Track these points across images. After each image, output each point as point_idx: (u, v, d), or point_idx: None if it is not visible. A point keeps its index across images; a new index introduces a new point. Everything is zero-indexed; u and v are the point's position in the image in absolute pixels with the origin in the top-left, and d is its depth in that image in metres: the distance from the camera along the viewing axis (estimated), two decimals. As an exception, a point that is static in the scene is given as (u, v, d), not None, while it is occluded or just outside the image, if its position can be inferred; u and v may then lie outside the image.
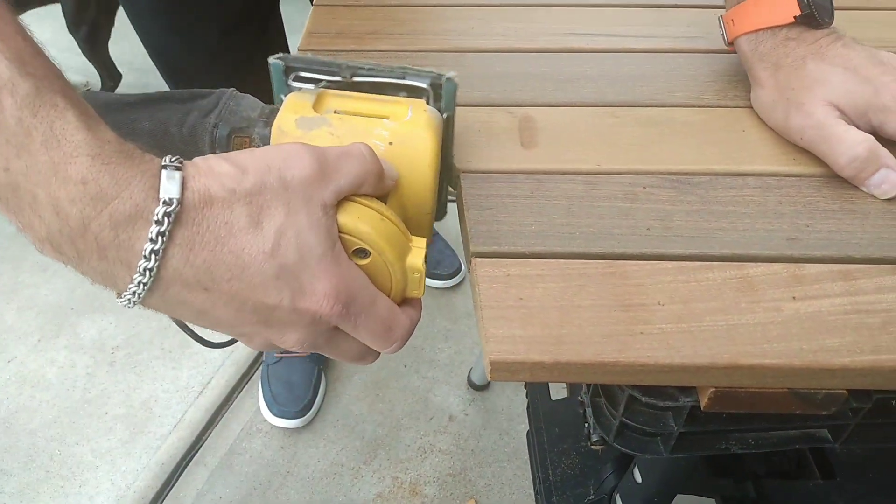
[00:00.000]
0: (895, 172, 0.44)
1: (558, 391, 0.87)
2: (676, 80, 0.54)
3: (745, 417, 0.42)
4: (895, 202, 0.44)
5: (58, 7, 1.80)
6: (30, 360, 1.41)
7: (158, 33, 0.87)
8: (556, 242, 0.41)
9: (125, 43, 2.10)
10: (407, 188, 0.38)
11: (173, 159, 0.29)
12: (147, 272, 0.28)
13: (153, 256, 0.28)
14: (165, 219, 0.28)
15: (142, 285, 0.29)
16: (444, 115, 0.40)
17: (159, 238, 0.28)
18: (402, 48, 0.58)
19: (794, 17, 0.48)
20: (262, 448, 1.28)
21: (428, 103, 0.39)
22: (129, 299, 0.29)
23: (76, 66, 2.05)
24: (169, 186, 0.28)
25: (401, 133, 0.37)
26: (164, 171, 0.28)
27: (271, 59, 0.39)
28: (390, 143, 0.37)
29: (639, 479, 0.62)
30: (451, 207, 0.47)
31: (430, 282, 1.51)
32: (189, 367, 1.40)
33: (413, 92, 0.40)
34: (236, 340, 0.35)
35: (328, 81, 0.39)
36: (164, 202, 0.28)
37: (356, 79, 0.39)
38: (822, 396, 0.37)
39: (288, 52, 0.97)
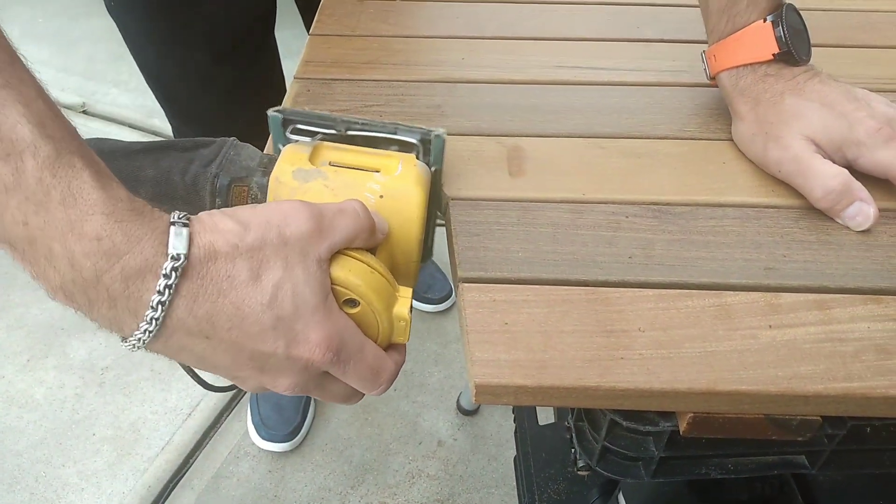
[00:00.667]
0: (868, 205, 0.46)
1: (546, 416, 0.88)
2: (661, 112, 0.56)
3: (725, 443, 0.43)
4: (869, 234, 0.45)
5: (55, 26, 1.82)
6: (18, 380, 1.41)
7: (153, 59, 0.89)
8: (541, 269, 0.42)
9: (122, 63, 2.12)
10: (396, 239, 0.40)
11: (181, 216, 0.31)
12: (153, 321, 0.30)
13: (160, 307, 0.30)
14: (173, 273, 0.30)
15: (147, 332, 0.30)
16: (433, 169, 0.43)
17: (166, 290, 0.30)
18: (395, 78, 0.60)
19: (773, 55, 0.50)
20: (250, 472, 1.27)
21: (418, 157, 0.42)
22: (133, 344, 0.31)
23: (73, 87, 2.07)
24: (177, 242, 0.30)
25: (391, 187, 0.39)
26: (172, 228, 0.30)
27: (270, 112, 0.41)
28: (381, 197, 0.39)
29: (623, 504, 0.62)
30: (441, 233, 0.48)
31: (420, 305, 1.52)
32: (178, 390, 1.40)
33: (404, 146, 0.42)
34: (235, 386, 0.37)
35: (324, 134, 0.41)
36: (173, 257, 0.30)
37: (350, 132, 0.41)
38: (797, 423, 0.38)
39: (282, 77, 0.99)
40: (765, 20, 0.50)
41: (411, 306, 0.38)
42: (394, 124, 0.42)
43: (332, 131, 0.41)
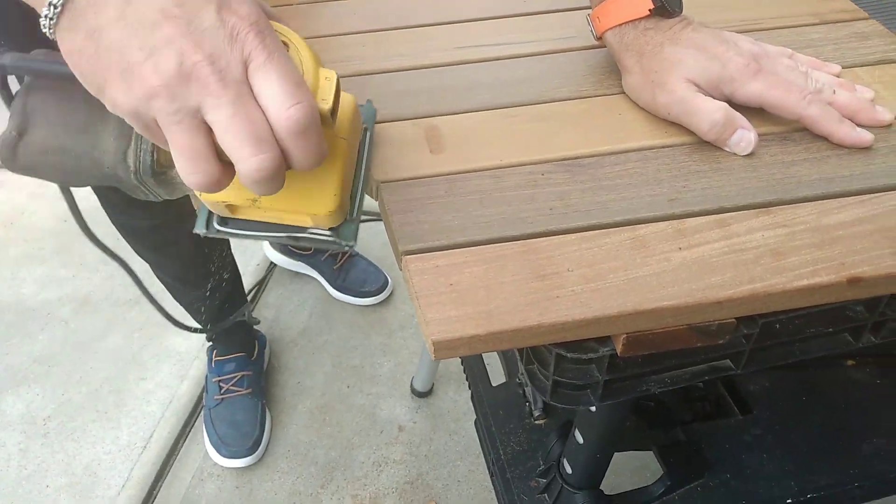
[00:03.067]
0: (749, 131, 0.52)
1: (497, 378, 0.93)
2: (559, 77, 0.60)
3: (659, 359, 0.48)
4: (753, 158, 0.51)
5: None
6: (-45, 446, 1.35)
7: None
8: (474, 232, 0.46)
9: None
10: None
11: None
12: None
13: None
14: None
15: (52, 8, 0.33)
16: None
17: None
18: (306, 78, 0.62)
19: (650, 10, 0.55)
20: (217, 491, 1.27)
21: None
22: (48, 20, 0.33)
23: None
24: None
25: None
26: None
27: None
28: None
29: (580, 439, 0.68)
30: (368, 227, 0.52)
31: (359, 301, 1.54)
32: (128, 425, 1.37)
33: None
34: (204, 330, 0.40)
35: None
36: None
37: None
38: (715, 327, 0.43)
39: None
40: None
41: (337, 79, 0.38)
42: None
43: None
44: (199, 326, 1.26)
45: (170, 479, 1.30)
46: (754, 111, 0.53)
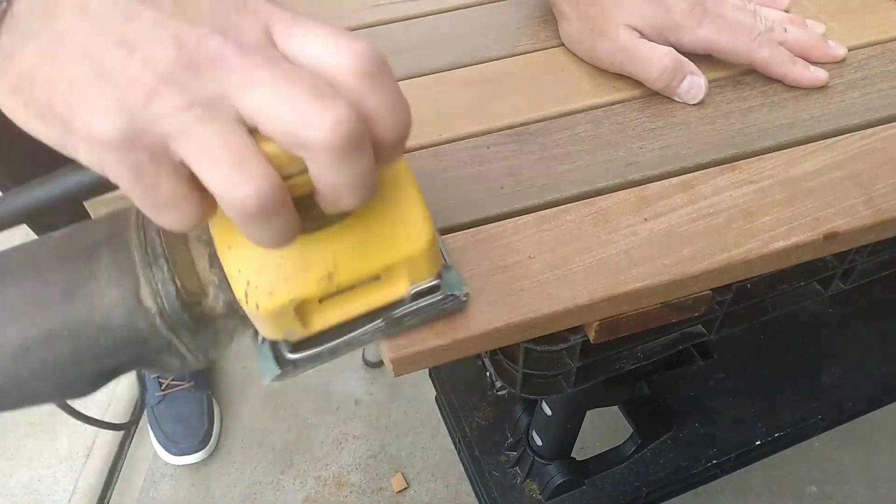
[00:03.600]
0: (699, 77, 0.48)
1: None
2: (490, 33, 0.55)
3: (630, 336, 0.45)
4: (707, 107, 0.48)
5: None
6: None
7: None
8: (420, 223, 0.41)
9: None
10: None
11: None
12: None
13: None
14: None
15: None
16: None
17: None
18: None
19: None
20: (172, 492, 1.22)
21: None
22: None
23: None
24: None
25: None
26: None
27: None
28: None
29: (548, 411, 0.65)
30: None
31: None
32: (66, 434, 1.29)
33: None
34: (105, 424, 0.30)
35: None
36: None
37: None
38: (691, 301, 0.40)
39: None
40: None
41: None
42: None
43: None
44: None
45: (120, 485, 1.24)
46: (700, 58, 0.49)
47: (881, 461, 1.19)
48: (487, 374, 0.80)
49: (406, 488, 1.19)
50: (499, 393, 0.76)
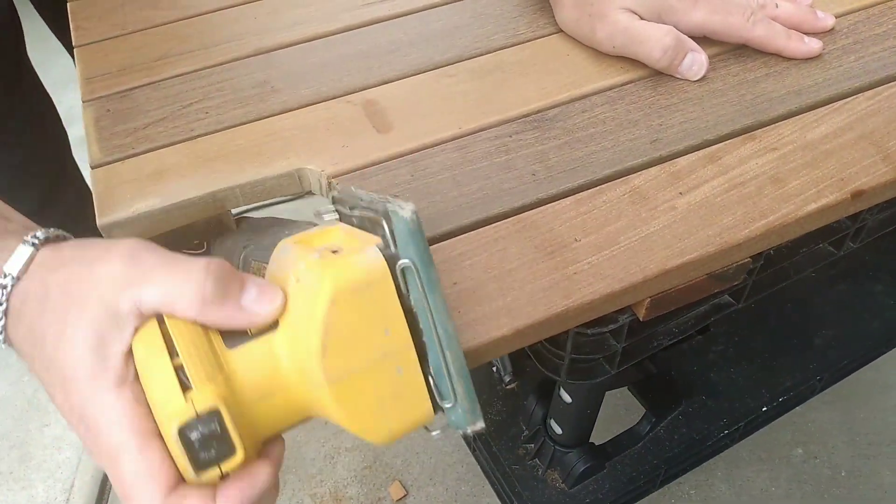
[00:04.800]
0: (700, 53, 0.49)
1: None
2: (489, 23, 0.55)
3: (667, 313, 0.45)
4: (716, 81, 0.49)
5: None
6: None
7: None
8: (458, 216, 0.41)
9: None
10: (296, 333, 0.29)
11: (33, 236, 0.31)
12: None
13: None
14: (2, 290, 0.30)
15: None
16: (402, 263, 0.28)
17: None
18: (200, 66, 0.53)
19: None
20: (162, 526, 1.17)
21: (387, 244, 0.29)
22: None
23: None
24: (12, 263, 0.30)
25: (307, 271, 0.29)
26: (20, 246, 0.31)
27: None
28: (297, 280, 0.29)
29: (567, 399, 0.65)
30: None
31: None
32: (42, 480, 1.23)
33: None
34: None
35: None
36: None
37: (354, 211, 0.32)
38: (733, 270, 0.41)
39: (51, 102, 0.85)
40: None
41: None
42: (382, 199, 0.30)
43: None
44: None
45: (105, 526, 1.18)
46: (697, 39, 0.50)
47: (858, 416, 1.23)
48: (494, 369, 0.80)
49: (406, 495, 1.18)
50: (507, 387, 0.76)
